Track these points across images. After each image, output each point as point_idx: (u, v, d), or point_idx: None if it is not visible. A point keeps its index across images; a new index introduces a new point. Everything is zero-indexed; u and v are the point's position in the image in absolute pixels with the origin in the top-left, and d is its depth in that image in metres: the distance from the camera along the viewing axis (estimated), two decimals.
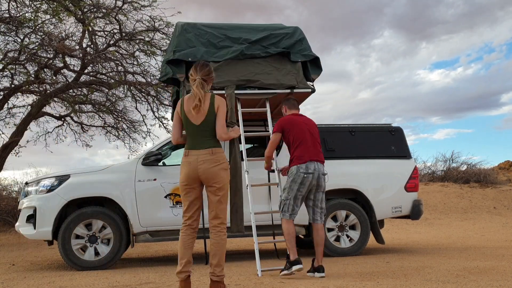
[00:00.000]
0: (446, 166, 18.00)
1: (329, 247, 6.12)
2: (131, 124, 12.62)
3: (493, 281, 4.08)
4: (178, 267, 3.60)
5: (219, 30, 5.77)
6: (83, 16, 10.34)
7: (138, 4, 10.71)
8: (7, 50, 10.16)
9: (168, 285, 4.29)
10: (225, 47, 5.63)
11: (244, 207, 5.02)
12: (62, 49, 9.92)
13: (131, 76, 11.11)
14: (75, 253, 5.54)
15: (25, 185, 6.02)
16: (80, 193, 5.66)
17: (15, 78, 10.69)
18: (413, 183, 6.56)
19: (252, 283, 4.25)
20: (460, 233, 10.19)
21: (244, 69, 5.53)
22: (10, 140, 11.16)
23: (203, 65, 3.68)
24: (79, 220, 5.57)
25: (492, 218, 12.86)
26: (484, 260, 5.51)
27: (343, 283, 4.15)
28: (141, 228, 5.74)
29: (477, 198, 14.60)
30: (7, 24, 9.83)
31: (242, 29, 5.86)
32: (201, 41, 5.63)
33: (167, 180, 5.82)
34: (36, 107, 10.96)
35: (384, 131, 6.71)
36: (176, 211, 5.78)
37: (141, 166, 5.84)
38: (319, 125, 6.66)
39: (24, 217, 5.70)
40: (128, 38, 11.13)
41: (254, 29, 5.89)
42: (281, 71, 5.63)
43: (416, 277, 4.40)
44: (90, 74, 11.33)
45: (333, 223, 6.22)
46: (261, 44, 5.68)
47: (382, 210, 6.36)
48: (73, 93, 11.60)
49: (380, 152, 6.56)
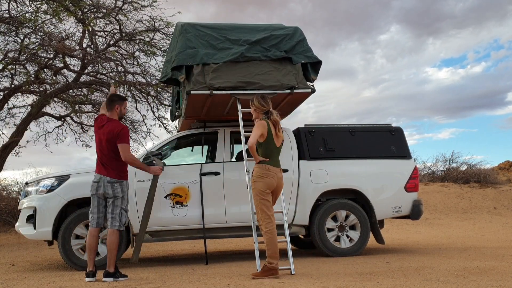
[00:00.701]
0: (446, 166, 18.02)
1: (329, 247, 6.12)
2: (131, 124, 12.62)
3: (493, 281, 4.07)
4: (275, 261, 4.53)
5: (219, 31, 5.77)
6: (83, 16, 10.34)
7: (138, 4, 10.71)
8: (7, 50, 10.16)
9: (168, 285, 4.29)
10: (224, 48, 5.62)
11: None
12: (62, 49, 9.91)
13: (131, 76, 11.11)
14: (75, 253, 5.55)
15: (25, 185, 6.02)
16: (80, 193, 5.65)
17: (15, 78, 10.69)
18: (413, 183, 6.55)
19: (252, 283, 4.26)
20: (460, 233, 10.19)
21: (244, 69, 5.53)
22: (10, 140, 11.16)
23: (269, 98, 4.91)
24: (79, 220, 5.57)
25: (492, 218, 12.86)
26: (484, 260, 5.51)
27: (343, 283, 4.15)
28: None
29: (477, 198, 14.60)
30: (7, 24, 9.83)
31: (241, 30, 5.85)
32: (201, 42, 5.63)
33: (167, 180, 5.82)
34: (36, 107, 10.95)
35: (384, 131, 6.71)
36: (176, 211, 5.78)
37: None
38: (319, 125, 6.67)
39: (24, 217, 5.70)
40: (128, 38, 11.13)
41: (254, 29, 5.89)
42: (281, 71, 5.62)
43: (416, 277, 4.40)
44: (90, 74, 11.33)
45: (333, 223, 6.22)
46: (261, 45, 5.67)
47: (382, 210, 6.36)
48: (73, 93, 11.59)
49: (380, 152, 6.56)
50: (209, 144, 6.71)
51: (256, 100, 4.87)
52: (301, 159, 6.27)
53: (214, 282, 4.38)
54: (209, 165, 6.07)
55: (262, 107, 4.84)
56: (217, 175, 5.95)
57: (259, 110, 4.86)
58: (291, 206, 6.06)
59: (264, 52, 5.63)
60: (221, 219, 5.90)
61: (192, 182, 5.86)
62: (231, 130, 6.23)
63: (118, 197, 4.74)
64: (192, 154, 6.62)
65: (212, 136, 6.29)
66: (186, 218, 5.80)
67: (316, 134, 6.45)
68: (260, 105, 4.84)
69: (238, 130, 5.68)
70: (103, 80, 11.17)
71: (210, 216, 5.84)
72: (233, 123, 6.22)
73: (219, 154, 6.13)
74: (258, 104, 4.85)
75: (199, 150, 6.51)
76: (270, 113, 4.83)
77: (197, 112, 6.08)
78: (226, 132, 6.23)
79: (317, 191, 6.18)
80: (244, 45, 5.61)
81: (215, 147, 6.25)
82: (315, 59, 5.75)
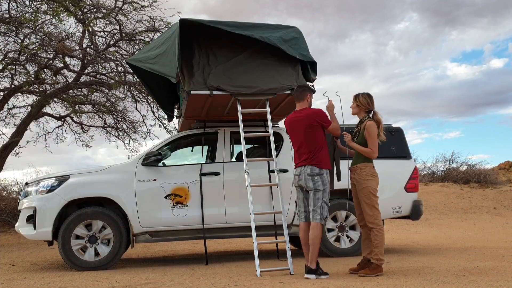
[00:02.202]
0: (446, 167, 18.02)
1: (329, 247, 6.12)
2: (131, 125, 12.62)
3: (493, 281, 4.08)
4: (384, 257, 4.57)
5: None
6: (83, 17, 10.34)
7: (138, 5, 10.70)
8: (7, 51, 10.16)
9: (168, 285, 4.29)
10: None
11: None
12: (62, 49, 9.92)
13: (131, 76, 11.11)
14: (75, 253, 5.54)
15: (25, 185, 6.02)
16: (80, 193, 5.66)
17: (15, 79, 10.68)
18: (413, 183, 6.55)
19: (252, 283, 4.26)
20: (460, 233, 10.18)
21: (244, 71, 5.50)
22: (10, 140, 11.15)
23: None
24: (79, 220, 5.56)
25: (492, 219, 12.87)
26: (484, 261, 5.51)
27: (343, 283, 4.15)
28: (141, 228, 5.73)
29: (477, 199, 14.60)
30: (7, 25, 9.82)
31: (239, 27, 5.80)
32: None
33: (167, 181, 5.82)
34: (36, 108, 10.95)
35: (384, 131, 6.69)
36: (176, 212, 5.78)
37: (141, 166, 5.84)
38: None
39: (24, 218, 5.70)
40: (128, 39, 11.13)
41: (251, 25, 5.83)
42: (281, 73, 5.61)
43: (416, 277, 4.40)
44: (90, 74, 11.32)
45: (333, 223, 6.22)
46: (258, 30, 5.62)
47: (382, 210, 6.32)
48: (73, 94, 11.58)
49: (380, 152, 6.52)
50: (209, 144, 6.71)
51: (362, 97, 4.74)
52: None
53: (214, 282, 4.38)
54: (209, 165, 6.07)
55: (367, 105, 4.73)
56: (217, 175, 5.95)
57: (363, 108, 4.74)
58: (291, 206, 6.05)
59: (261, 33, 5.55)
60: (221, 220, 5.90)
61: (192, 182, 5.86)
62: (231, 130, 6.23)
63: (319, 190, 4.62)
64: (192, 154, 6.62)
65: (212, 136, 6.29)
66: (186, 218, 5.80)
67: None
68: (365, 102, 4.73)
69: (238, 131, 5.67)
70: (103, 80, 11.17)
71: (210, 216, 5.84)
72: (233, 123, 6.21)
73: (219, 154, 6.13)
74: (363, 101, 4.73)
75: (199, 150, 6.51)
76: (374, 113, 4.75)
77: (197, 112, 6.08)
78: (226, 132, 6.23)
79: None
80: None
81: (215, 147, 6.25)
82: (309, 59, 5.72)
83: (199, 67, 5.46)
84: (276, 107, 6.06)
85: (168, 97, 7.03)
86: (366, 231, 4.77)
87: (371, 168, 4.71)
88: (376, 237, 4.57)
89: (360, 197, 4.72)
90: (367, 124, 4.67)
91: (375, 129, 4.66)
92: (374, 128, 4.65)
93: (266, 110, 5.59)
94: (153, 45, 6.11)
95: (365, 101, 4.74)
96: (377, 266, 4.53)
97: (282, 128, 6.49)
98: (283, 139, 6.31)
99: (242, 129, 5.40)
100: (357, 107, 4.78)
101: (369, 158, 4.72)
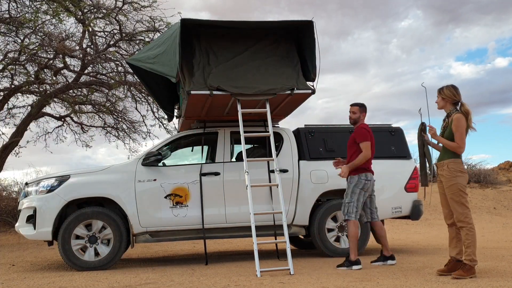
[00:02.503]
0: None
1: (329, 247, 6.12)
2: (131, 125, 12.62)
3: (493, 281, 4.08)
4: (476, 258, 4.40)
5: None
6: (83, 17, 10.35)
7: (138, 5, 10.71)
8: (7, 51, 10.16)
9: (168, 285, 4.29)
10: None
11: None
12: (62, 49, 9.92)
13: (131, 76, 11.11)
14: (75, 253, 5.54)
15: (25, 185, 6.02)
16: (80, 193, 5.66)
17: (15, 79, 10.69)
18: (413, 183, 6.55)
19: (252, 283, 4.26)
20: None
21: (243, 74, 5.50)
22: (10, 140, 11.15)
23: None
24: (79, 220, 5.56)
25: (492, 219, 12.87)
26: (484, 261, 5.51)
27: (343, 283, 4.15)
28: (141, 228, 5.73)
29: (477, 199, 14.60)
30: (7, 25, 9.82)
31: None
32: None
33: (167, 181, 5.82)
34: (36, 108, 10.95)
35: (384, 131, 6.70)
36: (176, 212, 5.78)
37: (141, 166, 5.84)
38: (319, 125, 6.67)
39: (24, 218, 5.70)
40: (128, 39, 11.13)
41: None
42: (282, 73, 5.61)
43: (416, 277, 4.40)
44: (90, 74, 11.33)
45: (333, 223, 6.22)
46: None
47: (382, 210, 6.33)
48: (73, 94, 11.58)
49: (380, 152, 6.55)
50: (209, 144, 6.71)
51: (446, 89, 4.58)
52: (301, 160, 6.27)
53: (214, 282, 4.38)
54: (209, 165, 6.07)
55: (453, 96, 4.53)
56: (217, 175, 5.95)
57: (449, 100, 4.56)
58: (291, 206, 6.06)
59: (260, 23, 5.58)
60: (221, 220, 5.90)
61: (192, 182, 5.86)
62: (231, 130, 6.23)
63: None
64: (192, 154, 6.62)
65: (212, 136, 6.29)
66: (186, 218, 5.80)
67: (316, 135, 6.45)
68: (451, 94, 4.54)
69: (238, 131, 5.68)
70: (103, 80, 11.18)
71: (210, 217, 5.84)
72: (233, 123, 6.22)
73: (219, 155, 6.13)
74: (449, 93, 4.55)
75: (199, 150, 6.51)
76: (461, 104, 4.55)
77: (197, 112, 6.08)
78: (226, 132, 6.23)
79: (317, 192, 6.18)
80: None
81: (215, 147, 6.25)
82: (314, 60, 5.71)
83: (200, 67, 5.46)
84: (276, 107, 6.06)
85: (168, 97, 7.05)
86: (454, 230, 4.58)
87: (459, 164, 4.47)
88: (468, 236, 4.34)
89: (448, 194, 4.48)
90: (454, 117, 4.47)
91: (464, 123, 4.43)
92: (462, 121, 4.43)
93: (266, 110, 5.59)
94: (153, 44, 6.11)
95: (450, 93, 4.56)
96: (471, 267, 4.30)
97: (282, 128, 6.49)
98: (283, 139, 6.31)
99: (242, 129, 5.40)
100: (442, 100, 4.61)
101: (458, 154, 4.49)
